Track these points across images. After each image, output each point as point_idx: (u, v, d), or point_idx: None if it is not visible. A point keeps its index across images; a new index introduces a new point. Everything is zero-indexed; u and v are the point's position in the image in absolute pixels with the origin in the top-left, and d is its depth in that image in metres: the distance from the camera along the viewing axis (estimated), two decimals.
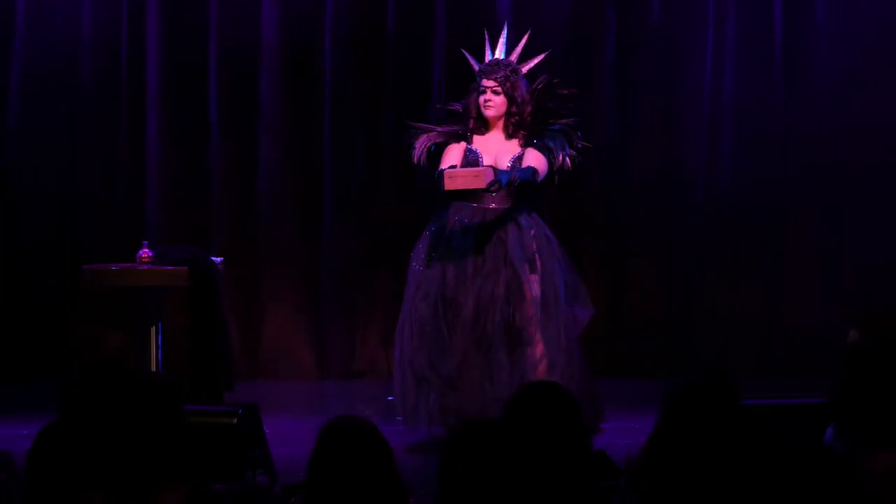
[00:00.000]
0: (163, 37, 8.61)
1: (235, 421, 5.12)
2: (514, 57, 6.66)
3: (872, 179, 8.74)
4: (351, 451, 3.15)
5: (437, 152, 6.63)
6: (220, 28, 8.63)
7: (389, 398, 7.98)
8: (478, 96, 6.57)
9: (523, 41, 6.67)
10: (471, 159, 6.51)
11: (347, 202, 8.77)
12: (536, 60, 6.66)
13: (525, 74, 6.63)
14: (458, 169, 6.37)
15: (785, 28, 8.79)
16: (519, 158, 6.49)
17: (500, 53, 6.66)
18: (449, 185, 6.25)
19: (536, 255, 6.45)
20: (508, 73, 6.56)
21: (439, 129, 6.70)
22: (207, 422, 5.01)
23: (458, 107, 6.78)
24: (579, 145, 6.57)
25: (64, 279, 8.35)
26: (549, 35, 6.81)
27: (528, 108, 6.56)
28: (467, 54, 6.82)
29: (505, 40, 6.68)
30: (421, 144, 6.62)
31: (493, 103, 6.55)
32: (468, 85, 8.56)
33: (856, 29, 8.71)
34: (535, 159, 6.47)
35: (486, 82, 6.55)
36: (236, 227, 8.72)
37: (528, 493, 3.07)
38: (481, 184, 6.24)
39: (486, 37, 6.72)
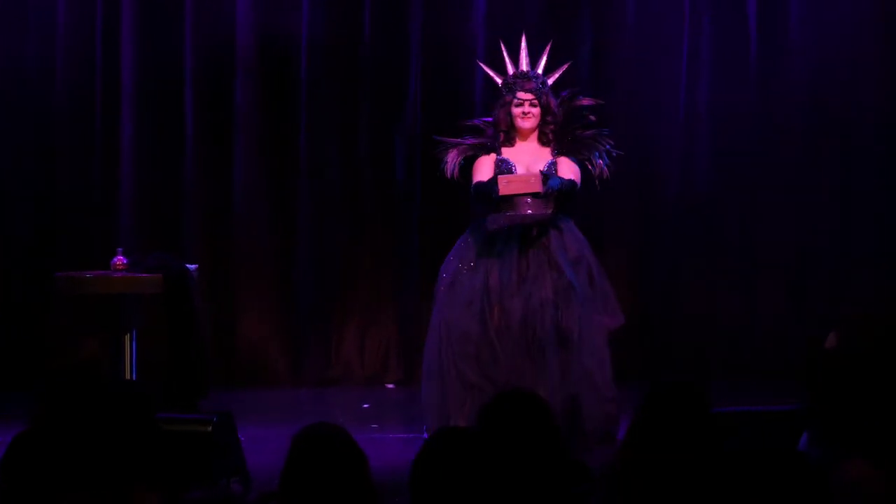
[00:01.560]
0: (138, 44, 8.58)
1: (209, 429, 5.11)
2: (539, 69, 6.79)
3: (844, 181, 8.79)
4: (324, 459, 3.14)
5: (466, 165, 6.73)
6: (195, 37, 8.61)
7: (365, 405, 7.99)
8: (510, 108, 6.68)
9: (546, 52, 6.80)
10: (504, 168, 6.60)
11: (323, 209, 8.76)
12: (560, 71, 6.81)
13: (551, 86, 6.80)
14: (511, 175, 6.50)
15: (759, 33, 8.83)
16: (553, 166, 6.62)
17: (524, 65, 6.77)
18: (504, 189, 6.40)
19: (579, 258, 6.57)
20: (540, 84, 6.72)
21: (467, 142, 6.78)
22: (181, 430, 4.99)
23: (478, 122, 6.88)
24: (615, 154, 6.73)
25: (38, 286, 8.32)
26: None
27: (561, 118, 6.72)
28: (486, 68, 6.90)
29: (527, 52, 6.77)
30: (453, 159, 6.70)
31: (531, 115, 6.68)
32: (444, 93, 8.66)
33: (827, 30, 8.74)
34: (571, 171, 6.62)
35: (523, 95, 6.69)
36: (211, 234, 8.70)
37: (500, 501, 3.07)
38: (535, 187, 6.40)
39: (504, 49, 6.78)
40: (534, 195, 6.49)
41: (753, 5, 8.83)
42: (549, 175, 6.53)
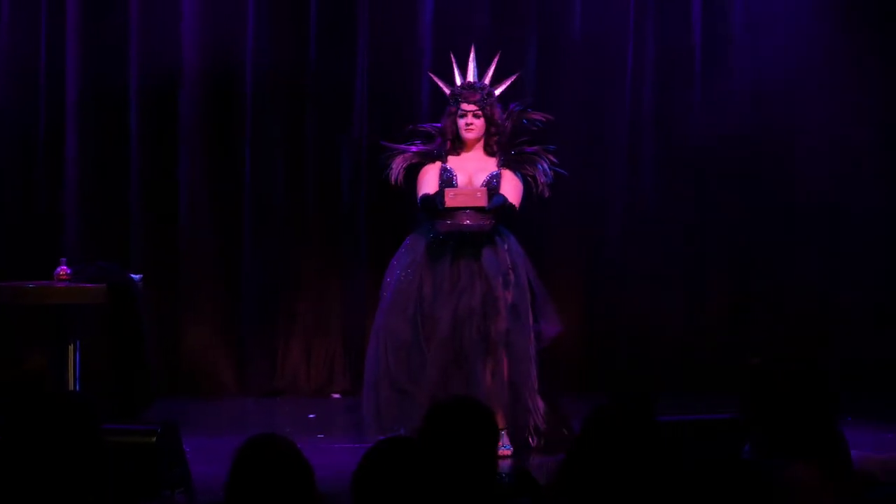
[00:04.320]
0: (82, 56, 8.53)
1: (154, 439, 5.08)
2: (486, 80, 6.88)
3: (789, 192, 8.88)
4: (269, 470, 3.14)
5: (410, 171, 6.84)
6: (140, 50, 8.55)
7: (311, 416, 7.98)
8: (455, 119, 6.76)
9: (494, 63, 6.88)
10: (445, 178, 6.72)
11: (268, 220, 8.74)
12: (508, 82, 6.91)
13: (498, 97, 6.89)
14: (458, 188, 6.61)
15: (704, 42, 8.90)
16: (495, 177, 6.73)
17: (472, 76, 6.83)
18: (450, 202, 6.51)
19: (510, 270, 6.65)
20: (485, 95, 6.80)
21: (413, 149, 6.90)
22: (125, 441, 4.96)
23: (428, 127, 6.97)
24: (559, 172, 6.87)
25: None
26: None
27: (508, 129, 6.80)
28: (436, 78, 6.99)
29: (475, 63, 6.84)
30: (398, 165, 6.83)
31: (475, 126, 6.77)
32: (390, 102, 8.67)
33: (770, 39, 8.83)
34: (513, 189, 6.72)
35: (467, 106, 6.78)
36: (156, 244, 8.65)
37: None
38: (480, 202, 6.52)
39: (454, 60, 6.85)
40: (478, 209, 6.55)
41: (698, 16, 8.90)
42: (493, 191, 6.61)
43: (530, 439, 6.59)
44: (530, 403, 6.58)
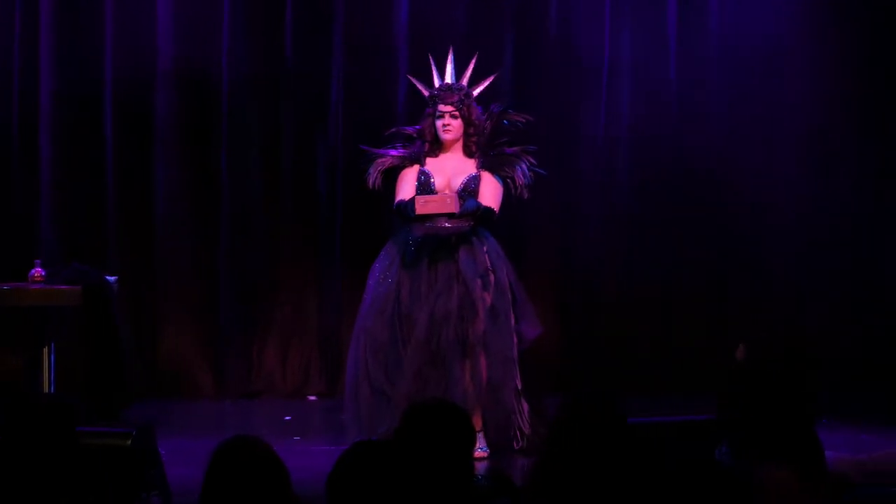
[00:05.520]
0: (56, 56, 8.50)
1: (129, 442, 5.07)
2: (464, 80, 6.87)
3: (767, 192, 8.90)
4: (244, 472, 3.13)
5: (389, 175, 6.83)
6: (115, 52, 8.53)
7: (287, 418, 7.97)
8: (434, 121, 6.75)
9: (472, 64, 6.87)
10: (422, 181, 6.71)
11: (244, 222, 8.72)
12: (486, 83, 6.89)
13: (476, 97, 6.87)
14: (428, 195, 6.61)
15: (680, 42, 8.92)
16: (474, 179, 6.71)
17: (450, 77, 6.83)
18: (421, 209, 6.51)
19: (489, 271, 6.65)
20: (462, 96, 6.79)
21: (392, 152, 6.89)
22: (101, 443, 4.95)
23: (410, 130, 6.96)
24: (539, 173, 6.84)
25: None
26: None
27: (487, 130, 6.78)
28: (415, 80, 7.00)
29: (453, 65, 6.83)
30: (375, 170, 6.82)
31: (452, 127, 6.75)
32: (366, 104, 8.67)
33: (746, 41, 8.86)
34: (491, 192, 6.70)
35: (444, 107, 6.76)
36: (132, 246, 8.63)
37: None
38: (450, 208, 6.51)
39: (433, 61, 6.85)
40: (450, 215, 6.56)
41: (674, 16, 8.92)
42: (466, 196, 6.61)
43: (514, 441, 6.59)
44: (514, 405, 6.59)
